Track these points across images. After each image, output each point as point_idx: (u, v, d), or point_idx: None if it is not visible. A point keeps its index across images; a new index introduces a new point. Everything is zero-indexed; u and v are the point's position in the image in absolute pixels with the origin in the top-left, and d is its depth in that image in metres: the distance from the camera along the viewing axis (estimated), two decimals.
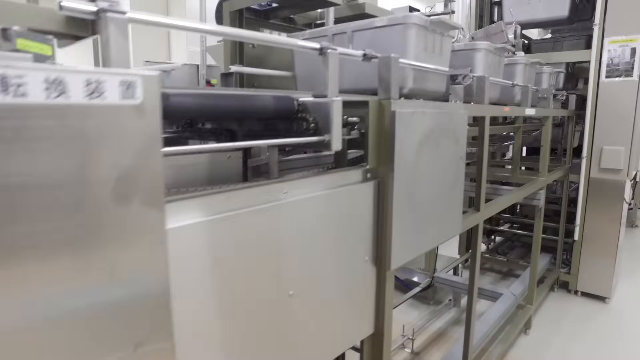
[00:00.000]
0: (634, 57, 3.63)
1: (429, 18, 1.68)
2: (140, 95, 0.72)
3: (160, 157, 0.76)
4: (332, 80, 1.21)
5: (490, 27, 3.42)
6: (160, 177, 0.77)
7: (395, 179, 1.36)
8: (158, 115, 0.75)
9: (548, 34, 5.68)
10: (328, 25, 2.26)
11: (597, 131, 3.83)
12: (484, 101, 1.98)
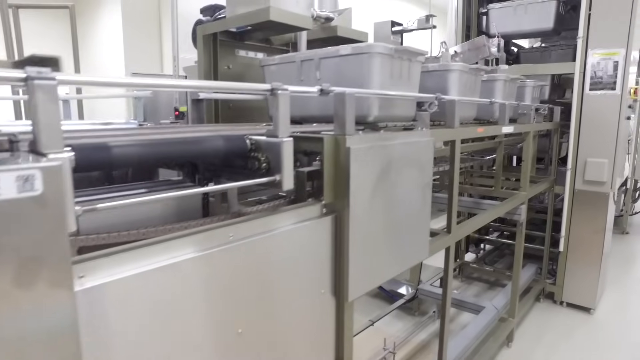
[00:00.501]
0: (617, 71, 3.64)
1: (394, 46, 1.69)
2: (40, 187, 0.73)
3: (66, 239, 0.78)
4: (282, 121, 1.22)
5: (473, 41, 3.45)
6: (68, 257, 0.79)
7: (351, 214, 1.37)
8: (63, 200, 0.77)
9: (538, 42, 5.70)
10: (300, 48, 2.27)
11: (582, 143, 3.84)
12: (454, 124, 1.99)
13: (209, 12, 2.36)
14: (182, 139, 1.17)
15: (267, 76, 2.05)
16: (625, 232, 6.71)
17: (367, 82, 1.67)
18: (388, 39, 3.12)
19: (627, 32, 3.56)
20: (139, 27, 6.16)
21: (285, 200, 1.48)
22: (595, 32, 3.69)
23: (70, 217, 0.83)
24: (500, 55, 3.48)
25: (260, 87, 1.21)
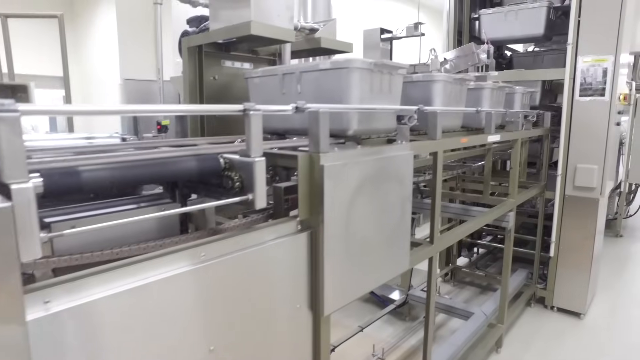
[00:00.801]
0: (606, 77, 3.65)
1: (374, 61, 1.71)
2: None
3: (17, 275, 0.80)
4: (254, 140, 1.23)
5: (462, 48, 3.46)
6: (18, 289, 0.81)
7: (325, 231, 1.39)
8: (12, 235, 0.79)
9: (532, 46, 5.71)
10: (284, 60, 2.28)
11: (572, 149, 3.86)
12: (436, 136, 2.01)
13: (195, 22, 2.38)
14: (155, 160, 1.18)
15: (251, 88, 2.07)
16: (619, 235, 6.73)
17: (346, 96, 1.69)
18: (377, 46, 3.14)
19: (616, 39, 3.58)
20: (134, 31, 6.17)
21: (263, 214, 1.49)
22: (585, 38, 3.71)
23: (34, 244, 0.84)
24: (489, 61, 3.49)
25: (233, 107, 1.22)
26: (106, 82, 6.92)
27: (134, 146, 1.56)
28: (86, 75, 8.00)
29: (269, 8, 1.97)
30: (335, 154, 1.41)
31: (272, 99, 1.96)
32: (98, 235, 1.26)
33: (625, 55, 3.94)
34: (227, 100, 2.41)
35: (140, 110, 1.08)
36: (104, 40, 7.22)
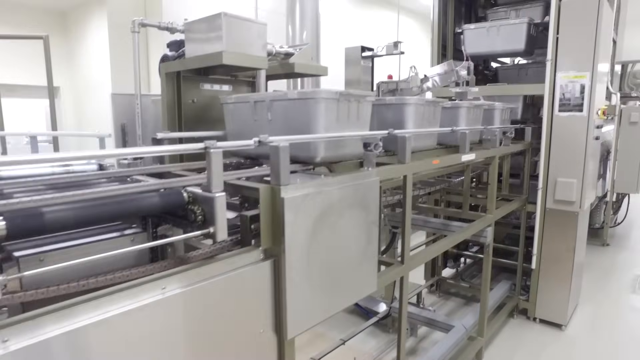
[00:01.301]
0: (583, 93, 3.73)
1: (340, 91, 1.78)
2: None
3: None
4: (215, 176, 1.29)
5: (442, 65, 3.54)
6: None
7: (287, 259, 1.45)
8: None
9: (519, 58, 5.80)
10: (259, 85, 2.35)
11: (552, 163, 3.93)
12: (405, 160, 2.07)
13: (174, 46, 2.44)
14: (120, 198, 1.24)
15: (226, 113, 2.13)
16: (605, 244, 6.81)
17: (313, 124, 1.75)
18: (358, 62, 3.21)
19: (592, 57, 3.66)
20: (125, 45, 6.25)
21: (231, 241, 1.55)
22: (563, 55, 3.79)
23: None
24: (470, 78, 3.56)
25: (194, 146, 1.28)
26: (99, 93, 6.98)
27: (106, 176, 1.62)
28: (79, 86, 8.05)
29: (241, 37, 2.04)
30: (296, 186, 1.47)
31: (245, 124, 2.02)
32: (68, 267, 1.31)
33: (603, 71, 4.03)
34: (206, 122, 2.47)
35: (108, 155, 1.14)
36: (97, 52, 7.28)
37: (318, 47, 5.64)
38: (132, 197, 1.27)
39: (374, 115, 2.38)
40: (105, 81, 6.80)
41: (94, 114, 7.53)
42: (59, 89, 8.09)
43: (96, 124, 7.33)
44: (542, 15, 4.47)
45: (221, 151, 1.30)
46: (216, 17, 1.99)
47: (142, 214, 1.32)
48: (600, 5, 3.61)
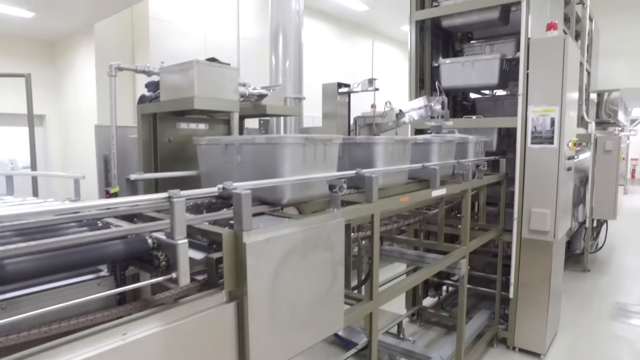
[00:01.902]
0: (554, 127, 3.87)
1: (305, 136, 1.85)
2: None
3: None
4: (178, 224, 1.35)
5: (418, 100, 3.66)
6: None
7: (249, 302, 1.50)
8: None
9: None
10: (232, 127, 2.43)
11: (526, 194, 4.04)
12: (372, 199, 2.14)
13: (152, 87, 2.53)
14: (84, 248, 1.29)
15: (199, 154, 2.20)
16: (586, 270, 6.90)
17: (280, 168, 1.83)
18: (335, 98, 3.32)
19: (560, 92, 3.81)
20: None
21: (197, 282, 1.60)
22: (533, 90, 3.94)
23: None
24: (444, 112, 3.69)
25: (158, 196, 1.34)
26: (85, 123, 7.03)
27: (77, 219, 1.66)
28: (66, 115, 8.11)
29: (213, 82, 2.13)
30: (258, 231, 1.53)
31: (217, 165, 2.09)
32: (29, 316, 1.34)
33: (572, 105, 4.18)
34: (183, 160, 2.54)
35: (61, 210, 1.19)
36: (84, 82, 7.37)
37: (301, 76, 5.78)
38: (99, 246, 1.32)
39: (345, 153, 2.47)
40: (91, 111, 6.87)
41: (80, 143, 7.58)
42: (45, 117, 8.15)
43: (81, 153, 7.37)
44: (514, 50, 4.65)
45: (184, 200, 1.36)
46: (189, 64, 2.08)
47: (108, 261, 1.37)
48: (565, 44, 3.78)
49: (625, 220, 9.98)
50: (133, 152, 3.47)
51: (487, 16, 4.37)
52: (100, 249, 1.31)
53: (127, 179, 2.02)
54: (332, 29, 10.77)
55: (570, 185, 4.41)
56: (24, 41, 7.63)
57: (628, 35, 8.87)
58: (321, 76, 9.35)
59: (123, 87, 6.33)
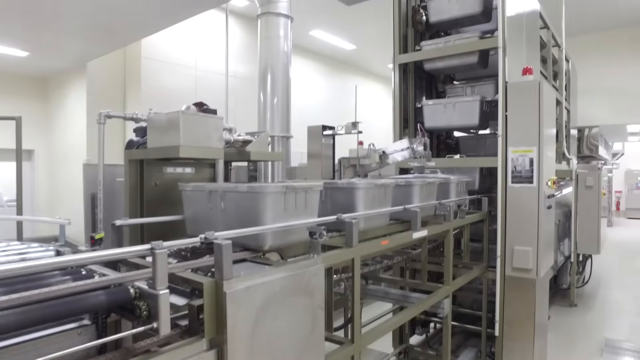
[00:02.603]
0: (532, 166, 3.99)
1: (286, 184, 1.93)
2: None
3: None
4: (160, 275, 1.39)
5: (401, 142, 3.77)
6: None
7: (229, 349, 1.53)
8: None
9: None
10: (217, 173, 2.50)
11: (509, 232, 4.12)
12: (352, 244, 2.20)
13: (140, 132, 2.60)
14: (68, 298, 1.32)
15: (184, 199, 2.26)
16: (573, 305, 6.93)
17: (261, 215, 1.89)
18: (319, 140, 3.42)
19: (538, 133, 3.95)
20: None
21: (179, 329, 1.62)
22: (512, 131, 4.08)
23: None
24: (426, 153, 3.80)
25: (141, 247, 1.39)
26: (74, 159, 7.07)
27: (60, 267, 1.69)
28: (55, 150, 8.15)
29: (198, 131, 2.21)
30: (239, 279, 1.57)
31: (201, 211, 2.15)
32: None
33: (550, 145, 4.33)
34: (169, 204, 2.59)
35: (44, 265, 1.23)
36: (74, 118, 7.46)
37: (288, 113, 5.92)
38: (81, 297, 1.36)
39: (328, 197, 2.54)
40: (80, 148, 6.93)
41: (69, 178, 7.58)
42: (33, 152, 8.17)
43: (69, 188, 7.37)
44: (494, 92, 4.84)
45: (166, 251, 1.41)
46: (175, 114, 2.17)
47: (90, 312, 1.40)
48: (540, 88, 3.95)
49: (610, 253, 10.11)
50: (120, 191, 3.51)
51: (466, 60, 4.57)
52: (83, 300, 1.35)
53: (113, 224, 2.07)
54: (320, 67, 11.07)
55: (551, 222, 4.51)
56: (16, 78, 7.74)
57: (604, 75, 9.23)
58: (310, 113, 9.58)
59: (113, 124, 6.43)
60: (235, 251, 1.94)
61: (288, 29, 5.95)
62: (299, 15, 6.95)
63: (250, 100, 6.27)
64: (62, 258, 1.27)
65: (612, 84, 9.24)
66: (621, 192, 18.68)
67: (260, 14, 5.94)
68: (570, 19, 6.70)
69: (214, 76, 7.56)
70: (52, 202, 8.17)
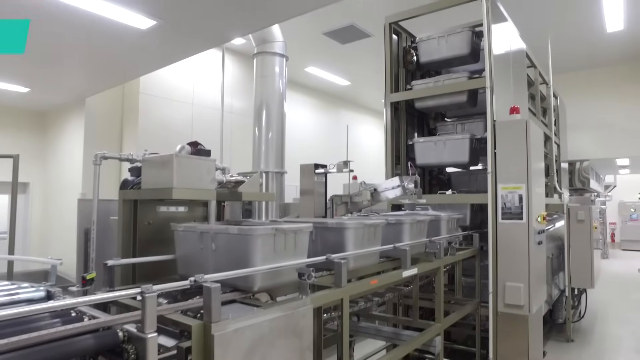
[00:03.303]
0: (522, 203, 4.06)
1: (276, 227, 1.97)
2: None
3: None
4: (149, 318, 1.42)
5: (391, 180, 3.84)
6: None
7: None
8: None
9: None
10: (210, 214, 2.56)
11: (500, 268, 4.14)
12: (341, 284, 2.23)
13: (135, 172, 2.66)
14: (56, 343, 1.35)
15: (176, 239, 2.30)
16: (570, 340, 6.86)
17: (251, 257, 1.93)
18: (312, 178, 3.49)
19: (526, 171, 4.04)
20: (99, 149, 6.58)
21: None
22: (501, 169, 4.17)
23: None
24: (417, 190, 3.86)
25: (131, 292, 1.43)
26: (70, 193, 7.10)
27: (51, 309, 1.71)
28: (51, 184, 8.19)
29: (191, 173, 2.27)
30: (227, 321, 1.60)
31: (193, 251, 2.19)
32: None
33: (539, 181, 4.41)
34: (162, 242, 2.62)
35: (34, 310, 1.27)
36: (71, 153, 7.53)
37: (283, 148, 6.03)
38: (70, 341, 1.38)
39: (318, 236, 2.59)
40: (76, 182, 6.97)
41: (64, 212, 7.59)
42: (29, 184, 8.20)
43: (63, 222, 7.36)
44: (484, 129, 4.94)
45: (155, 294, 1.44)
46: (169, 157, 2.24)
47: (79, 355, 1.41)
48: (527, 126, 4.06)
49: (606, 286, 10.06)
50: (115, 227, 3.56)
51: (456, 99, 4.71)
52: (71, 344, 1.37)
53: (105, 264, 2.10)
54: (316, 102, 11.28)
55: (542, 258, 4.55)
56: (15, 112, 7.85)
57: (592, 110, 9.46)
58: (305, 147, 9.70)
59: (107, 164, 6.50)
60: (225, 292, 1.97)
61: (283, 67, 6.12)
62: (295, 53, 7.16)
63: (246, 134, 6.38)
64: (52, 304, 1.31)
65: (600, 119, 9.46)
66: (615, 224, 18.73)
67: (256, 53, 6.12)
68: (558, 57, 6.92)
69: (211, 111, 7.70)
70: (45, 235, 8.14)
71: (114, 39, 4.87)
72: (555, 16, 7.13)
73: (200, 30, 4.74)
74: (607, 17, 7.11)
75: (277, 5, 4.30)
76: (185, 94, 7.81)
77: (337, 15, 6.91)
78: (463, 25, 4.92)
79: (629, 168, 14.06)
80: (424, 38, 5.06)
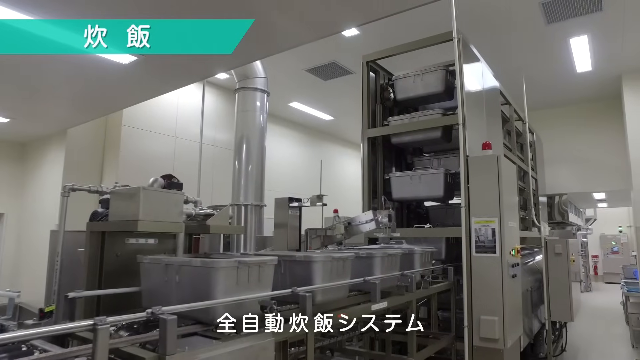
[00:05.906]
0: (495, 236, 4.12)
1: (239, 260, 1.99)
2: None
3: None
4: (100, 353, 1.42)
5: (365, 214, 3.89)
6: None
7: None
8: None
9: None
10: (178, 247, 2.57)
11: (474, 301, 4.15)
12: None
13: (105, 204, 2.67)
14: None
15: (142, 271, 2.30)
16: None
17: (214, 289, 1.93)
18: (286, 212, 3.53)
19: (498, 205, 4.12)
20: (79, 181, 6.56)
21: None
22: (475, 203, 4.25)
23: None
24: (391, 224, 3.91)
25: (83, 323, 1.42)
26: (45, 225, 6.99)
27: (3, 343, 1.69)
28: (26, 214, 8.07)
29: (158, 206, 2.30)
30: (183, 355, 1.60)
31: (157, 283, 2.18)
32: None
33: (512, 215, 4.50)
34: (130, 274, 2.60)
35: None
36: (49, 184, 7.47)
37: (262, 181, 6.08)
38: None
39: (286, 269, 2.60)
40: (52, 213, 6.88)
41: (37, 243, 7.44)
42: (3, 215, 8.10)
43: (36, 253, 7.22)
44: (458, 164, 5.06)
45: (108, 326, 1.44)
46: (136, 189, 2.26)
47: None
48: (499, 161, 4.18)
49: (588, 320, 10.09)
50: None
51: (430, 135, 4.84)
52: None
53: (66, 296, 2.08)
54: (299, 135, 11.42)
55: (517, 291, 4.58)
56: None
57: (568, 145, 9.72)
58: (287, 180, 9.75)
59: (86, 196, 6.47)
60: (187, 324, 1.96)
61: (264, 102, 6.24)
62: (278, 88, 7.30)
63: (228, 167, 6.42)
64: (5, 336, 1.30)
65: (575, 154, 9.70)
66: (598, 257, 18.91)
67: (238, 88, 6.24)
68: (532, 95, 7.18)
69: (193, 144, 7.74)
70: (17, 266, 7.97)
71: (97, 73, 4.94)
72: (529, 57, 7.43)
73: (182, 66, 4.84)
74: (576, 59, 7.43)
75: (258, 43, 4.43)
76: (168, 127, 7.86)
77: (319, 53, 7.11)
78: (438, 64, 5.11)
79: (607, 202, 14.32)
80: (400, 76, 5.23)
